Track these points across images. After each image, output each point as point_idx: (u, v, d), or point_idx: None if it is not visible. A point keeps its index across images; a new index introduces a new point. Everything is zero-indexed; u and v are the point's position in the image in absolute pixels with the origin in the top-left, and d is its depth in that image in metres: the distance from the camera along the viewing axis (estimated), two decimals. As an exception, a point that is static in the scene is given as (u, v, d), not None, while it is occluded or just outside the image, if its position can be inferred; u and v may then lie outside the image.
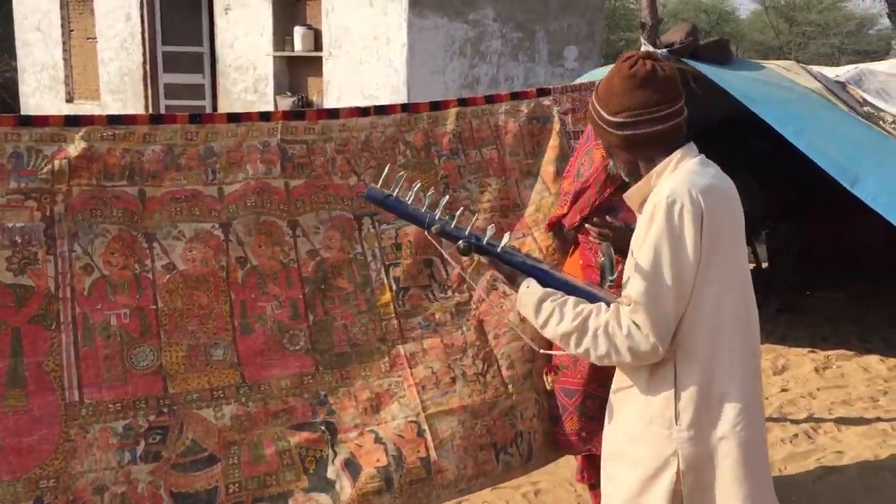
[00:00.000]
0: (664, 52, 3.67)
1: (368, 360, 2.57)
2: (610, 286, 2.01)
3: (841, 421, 4.32)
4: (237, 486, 2.30)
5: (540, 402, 2.80)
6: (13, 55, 13.94)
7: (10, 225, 2.19)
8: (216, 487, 2.28)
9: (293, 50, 10.43)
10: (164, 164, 2.41)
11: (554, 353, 2.55)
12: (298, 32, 10.31)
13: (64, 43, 12.57)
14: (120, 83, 11.85)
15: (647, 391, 1.91)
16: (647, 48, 3.85)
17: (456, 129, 2.85)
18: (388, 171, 2.10)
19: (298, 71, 10.74)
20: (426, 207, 1.99)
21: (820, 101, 4.32)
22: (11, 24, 13.45)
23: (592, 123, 2.02)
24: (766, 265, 6.70)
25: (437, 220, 1.96)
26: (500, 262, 1.97)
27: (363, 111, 2.75)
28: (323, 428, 2.44)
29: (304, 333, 2.49)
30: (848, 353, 5.41)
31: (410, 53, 9.41)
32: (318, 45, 10.28)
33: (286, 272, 2.51)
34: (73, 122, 2.34)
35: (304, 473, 2.37)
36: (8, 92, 15.27)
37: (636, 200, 1.96)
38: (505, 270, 1.99)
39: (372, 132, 2.72)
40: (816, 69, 4.90)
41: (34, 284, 2.20)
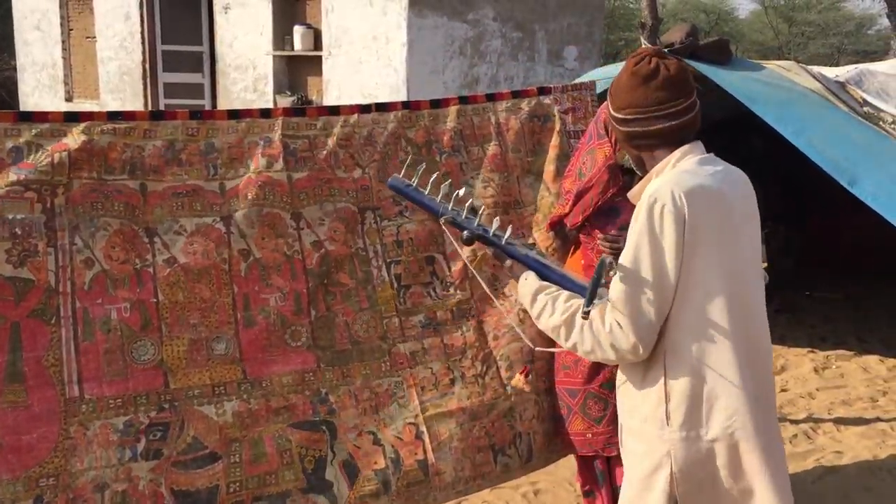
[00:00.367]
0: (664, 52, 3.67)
1: (369, 358, 2.55)
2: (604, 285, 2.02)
3: (840, 421, 4.32)
4: (238, 485, 2.29)
5: (539, 402, 2.79)
6: (12, 54, 13.94)
7: (9, 217, 2.15)
8: (217, 486, 2.26)
9: (293, 49, 10.44)
10: (165, 158, 2.39)
11: (554, 349, 2.55)
12: (298, 32, 10.31)
13: (63, 42, 12.57)
14: (119, 82, 11.85)
15: (641, 389, 1.92)
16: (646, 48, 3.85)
17: (457, 125, 2.85)
18: (422, 168, 2.22)
19: (298, 70, 10.74)
20: (441, 198, 2.10)
21: (820, 101, 4.32)
22: (11, 23, 13.45)
23: (607, 118, 2.04)
24: (765, 265, 6.70)
25: (449, 210, 2.06)
26: (503, 254, 2.04)
27: (364, 108, 2.74)
28: (324, 428, 2.43)
29: (305, 329, 2.47)
30: (847, 353, 5.42)
31: (410, 53, 9.42)
32: (317, 44, 10.28)
33: (290, 264, 2.48)
34: (73, 118, 2.33)
35: (302, 473, 2.36)
36: (7, 91, 15.28)
37: (638, 198, 1.96)
38: (508, 263, 2.04)
39: (374, 128, 2.71)
40: (816, 69, 4.91)
41: (34, 278, 2.16)
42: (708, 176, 1.85)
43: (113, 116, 2.38)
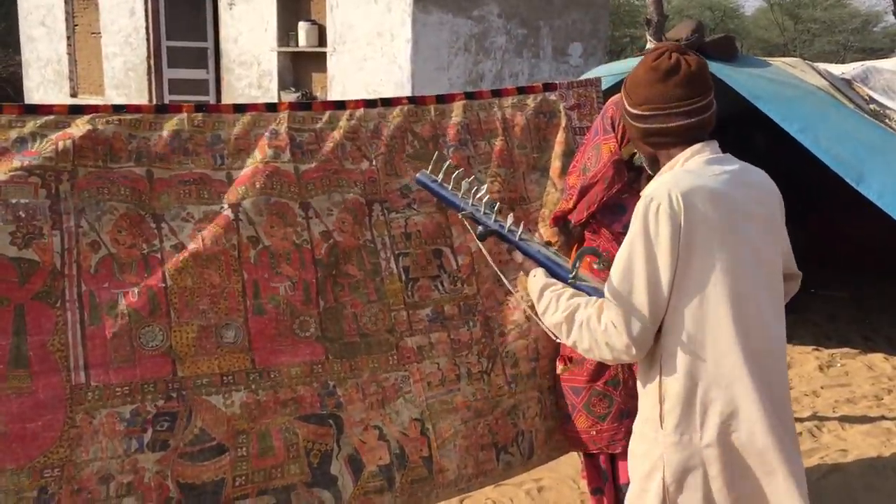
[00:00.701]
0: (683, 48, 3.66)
1: (377, 351, 2.53)
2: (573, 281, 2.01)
3: (845, 419, 4.32)
4: (244, 478, 2.27)
5: (542, 400, 2.79)
6: (17, 50, 13.95)
7: (13, 201, 2.11)
8: (223, 479, 2.24)
9: (297, 45, 10.43)
10: (171, 147, 2.37)
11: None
12: (303, 28, 10.30)
13: (68, 38, 12.58)
14: (124, 78, 11.86)
15: (642, 389, 1.91)
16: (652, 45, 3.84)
17: (463, 120, 2.84)
18: (447, 164, 2.28)
19: (302, 66, 10.73)
20: (462, 194, 2.19)
21: (826, 98, 4.31)
22: (16, 18, 13.46)
23: (621, 113, 2.02)
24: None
25: (469, 206, 2.15)
26: (517, 249, 2.06)
27: (369, 103, 2.73)
28: (331, 422, 2.41)
29: (314, 320, 2.44)
30: (852, 351, 5.41)
31: (415, 49, 9.40)
32: (322, 40, 10.27)
33: (299, 253, 2.44)
34: (77, 111, 2.32)
35: (308, 467, 2.35)
36: (12, 87, 15.30)
37: None
38: (519, 258, 2.05)
39: (380, 122, 2.70)
40: (822, 66, 4.90)
41: (39, 259, 2.11)
42: (711, 176, 1.81)
43: (118, 109, 2.37)
